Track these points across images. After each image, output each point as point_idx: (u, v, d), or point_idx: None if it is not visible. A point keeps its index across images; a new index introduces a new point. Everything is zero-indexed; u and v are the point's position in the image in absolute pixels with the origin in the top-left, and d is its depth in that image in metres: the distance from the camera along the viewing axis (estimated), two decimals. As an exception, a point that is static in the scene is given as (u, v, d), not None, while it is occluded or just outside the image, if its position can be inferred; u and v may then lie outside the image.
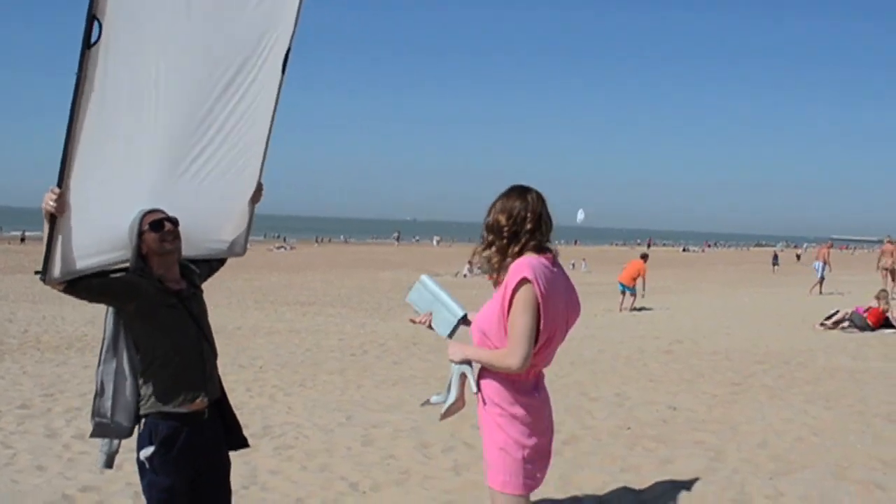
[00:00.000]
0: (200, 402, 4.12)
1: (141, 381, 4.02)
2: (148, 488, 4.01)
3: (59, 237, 3.57)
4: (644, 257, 23.97)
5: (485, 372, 3.83)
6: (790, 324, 17.85)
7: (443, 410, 3.98)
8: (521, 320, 3.59)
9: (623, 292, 22.66)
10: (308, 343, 14.51)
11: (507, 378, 3.76)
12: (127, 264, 4.05)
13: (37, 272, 3.66)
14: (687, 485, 6.33)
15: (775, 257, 52.87)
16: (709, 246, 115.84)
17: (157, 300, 3.99)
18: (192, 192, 4.30)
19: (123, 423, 4.00)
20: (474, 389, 3.80)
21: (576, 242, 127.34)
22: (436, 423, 8.22)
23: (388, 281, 33.94)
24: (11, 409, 8.82)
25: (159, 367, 4.00)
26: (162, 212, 4.07)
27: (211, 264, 4.66)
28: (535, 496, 6.11)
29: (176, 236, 4.10)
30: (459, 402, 3.95)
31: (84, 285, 3.78)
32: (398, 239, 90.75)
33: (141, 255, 4.04)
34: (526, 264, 3.64)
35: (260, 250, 59.38)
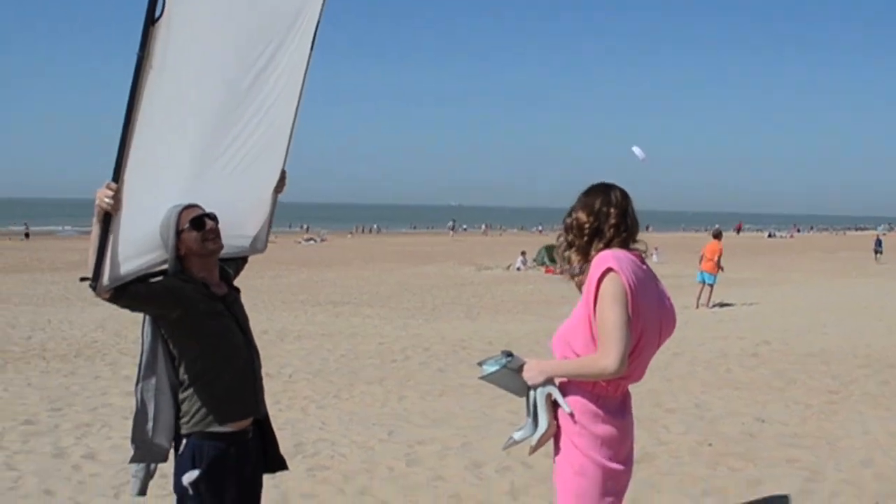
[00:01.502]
0: (248, 421, 4.16)
1: (183, 397, 4.04)
2: None
3: (111, 238, 3.60)
4: (717, 236, 23.67)
5: (565, 386, 3.79)
6: (896, 321, 17.52)
7: (533, 443, 3.86)
8: (611, 314, 3.54)
9: (702, 283, 22.46)
10: (343, 348, 14.58)
11: (592, 392, 3.72)
12: (163, 267, 4.08)
13: (84, 279, 3.66)
14: (779, 510, 6.25)
15: (878, 243, 51.38)
16: (798, 230, 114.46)
17: (203, 307, 4.01)
18: (223, 182, 4.34)
19: (163, 445, 4.04)
20: (568, 409, 3.73)
21: (647, 228, 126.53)
22: (489, 440, 8.23)
23: (433, 276, 34.00)
24: (15, 425, 8.97)
25: (206, 381, 4.02)
26: (200, 207, 4.09)
27: (237, 263, 4.69)
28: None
29: (218, 235, 4.11)
30: (552, 429, 3.84)
31: (132, 292, 3.79)
32: (453, 228, 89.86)
33: (178, 256, 4.06)
34: (610, 255, 3.64)
35: (286, 243, 59.81)
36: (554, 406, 3.82)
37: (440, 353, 13.94)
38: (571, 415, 3.72)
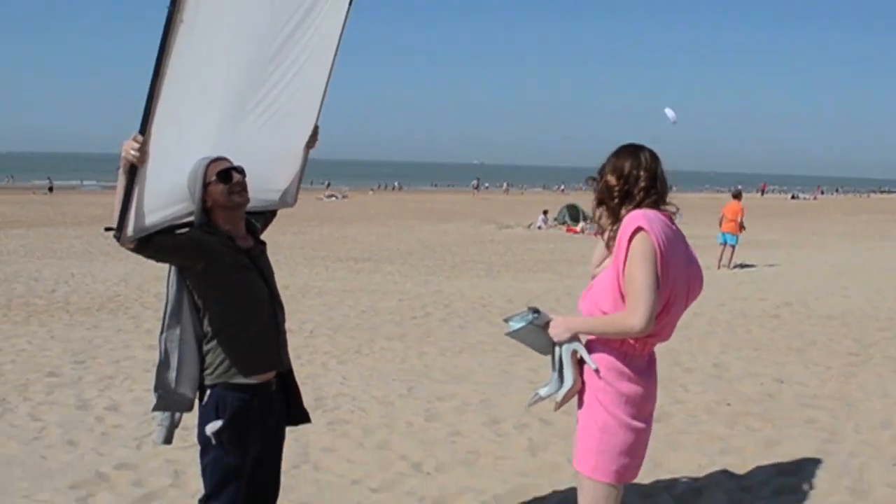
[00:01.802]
0: (272, 373, 4.21)
1: (208, 349, 4.08)
2: (212, 466, 4.09)
3: (136, 190, 3.63)
4: (738, 196, 23.29)
5: (593, 344, 3.84)
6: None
7: (558, 398, 3.89)
8: (640, 273, 3.57)
9: (724, 244, 22.30)
10: (363, 304, 14.64)
11: (619, 350, 3.77)
12: (189, 219, 4.11)
13: (108, 229, 3.71)
14: (796, 470, 6.27)
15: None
16: (821, 192, 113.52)
17: (228, 260, 4.05)
18: (255, 136, 4.37)
19: (187, 395, 4.08)
20: (594, 365, 3.77)
21: (671, 188, 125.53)
22: (507, 397, 8.28)
23: (454, 234, 34.02)
24: (40, 377, 9.08)
25: (232, 333, 4.06)
26: (227, 160, 4.11)
27: (266, 217, 4.71)
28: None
29: (244, 188, 4.13)
30: (577, 386, 3.87)
31: (156, 243, 3.83)
32: (477, 187, 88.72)
33: (204, 208, 4.08)
34: (641, 215, 3.67)
35: (308, 199, 59.87)
36: (580, 363, 3.85)
37: (460, 311, 13.98)
38: (597, 371, 3.75)
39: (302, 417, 4.55)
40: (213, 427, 4.03)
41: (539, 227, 37.75)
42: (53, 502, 5.69)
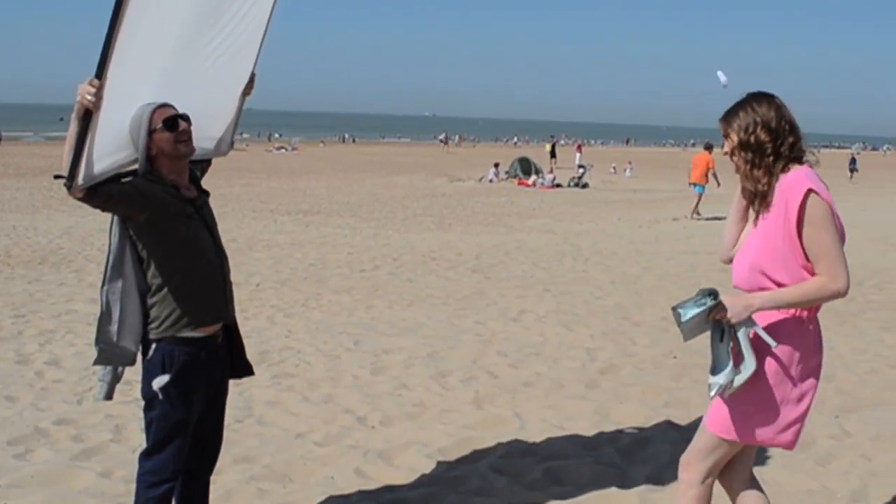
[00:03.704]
0: (218, 325, 4.17)
1: (153, 302, 4.02)
2: (158, 421, 4.04)
3: (89, 137, 3.56)
4: (708, 148, 23.79)
5: (760, 316, 3.60)
6: (867, 240, 17.60)
7: (736, 384, 3.61)
8: (826, 236, 3.44)
9: (700, 194, 23.03)
10: (311, 258, 14.59)
11: (794, 317, 3.60)
12: (134, 167, 4.02)
13: (58, 176, 3.62)
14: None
15: (853, 161, 51.50)
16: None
17: (173, 209, 3.97)
18: (195, 82, 4.30)
19: (130, 349, 4.02)
20: (774, 343, 3.52)
21: (627, 142, 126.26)
22: (455, 350, 8.32)
23: (404, 187, 33.91)
24: (-23, 331, 8.94)
25: (176, 285, 3.99)
26: (173, 107, 4.02)
27: (202, 166, 4.64)
28: (565, 429, 6.18)
29: (190, 137, 4.04)
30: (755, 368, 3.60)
31: (104, 192, 3.74)
32: (445, 141, 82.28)
33: (149, 156, 3.99)
34: (805, 175, 3.52)
35: (257, 152, 59.38)
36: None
37: (410, 264, 13.98)
38: (776, 348, 3.56)
39: (245, 370, 4.51)
40: (159, 382, 3.98)
41: (490, 181, 37.73)
42: (-10, 458, 5.62)
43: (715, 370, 3.68)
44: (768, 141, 3.58)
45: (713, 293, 3.59)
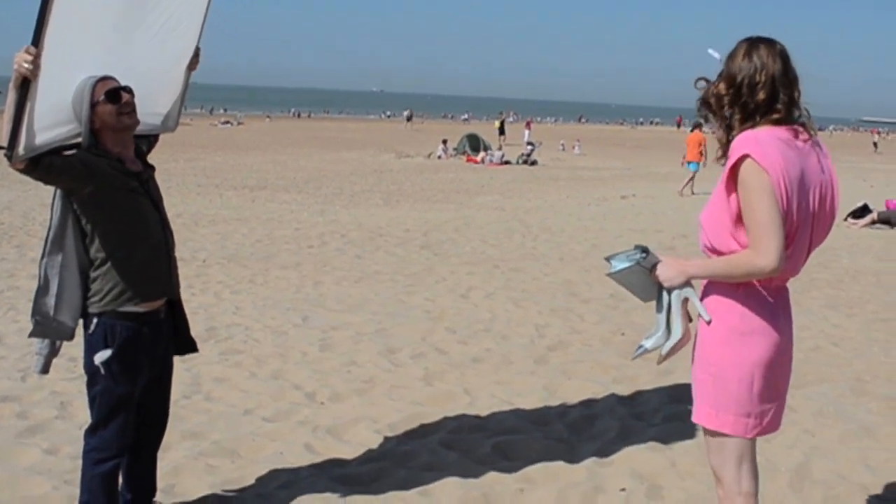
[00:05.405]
0: (161, 301, 4.16)
1: (95, 275, 4.00)
2: (101, 396, 4.04)
3: (28, 106, 3.53)
4: (697, 126, 24.79)
5: (707, 286, 3.48)
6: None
7: (663, 352, 3.54)
8: (758, 206, 3.16)
9: (694, 171, 24.03)
10: (258, 233, 14.51)
11: (738, 288, 3.36)
12: (77, 140, 3.99)
13: None
14: (687, 398, 6.40)
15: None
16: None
17: (117, 183, 3.96)
18: (139, 55, 4.27)
19: (67, 323, 4.00)
20: (707, 317, 3.38)
21: (580, 120, 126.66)
22: (404, 327, 8.35)
23: (352, 162, 33.78)
24: (-86, 306, 8.80)
25: (120, 259, 3.98)
26: (115, 80, 3.99)
27: (150, 141, 4.62)
28: (514, 405, 6.25)
29: (133, 109, 4.02)
30: (686, 337, 3.53)
31: (46, 164, 3.72)
32: (410, 118, 77.66)
33: (92, 129, 3.97)
34: (750, 138, 3.23)
35: (202, 126, 58.77)
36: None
37: (357, 240, 13.96)
38: (709, 323, 3.39)
39: (189, 346, 4.52)
40: (101, 356, 3.98)
41: (439, 157, 37.73)
42: (-70, 435, 5.56)
43: (649, 334, 3.63)
44: (725, 93, 3.34)
45: (645, 249, 3.52)
